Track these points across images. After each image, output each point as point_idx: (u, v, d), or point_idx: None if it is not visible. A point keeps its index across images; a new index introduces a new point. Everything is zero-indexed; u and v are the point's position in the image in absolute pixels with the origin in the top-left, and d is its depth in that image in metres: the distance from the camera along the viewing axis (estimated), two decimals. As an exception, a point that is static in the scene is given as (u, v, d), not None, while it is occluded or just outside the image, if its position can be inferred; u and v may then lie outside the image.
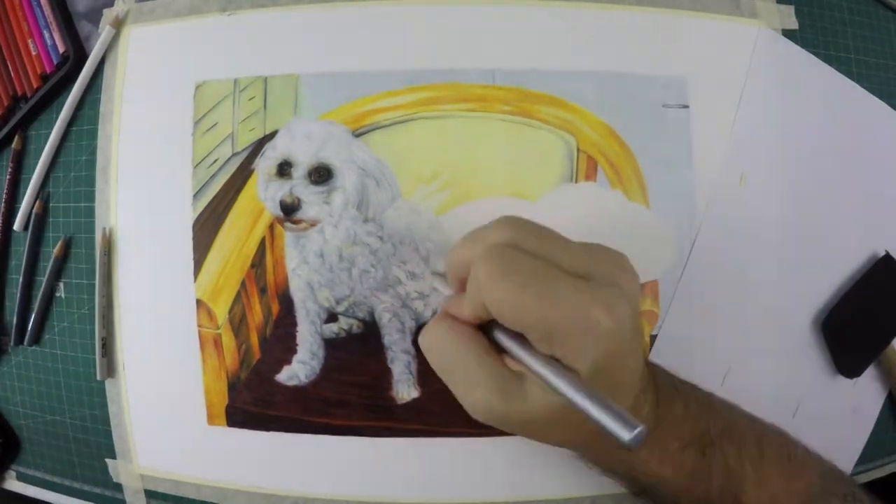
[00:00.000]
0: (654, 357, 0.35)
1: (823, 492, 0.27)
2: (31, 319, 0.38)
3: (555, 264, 0.23)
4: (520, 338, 0.24)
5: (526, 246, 0.23)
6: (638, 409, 0.25)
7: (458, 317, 0.25)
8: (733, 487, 0.27)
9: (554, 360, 0.22)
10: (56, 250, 0.37)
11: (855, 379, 0.37)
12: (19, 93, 0.38)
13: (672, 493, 0.27)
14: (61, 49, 0.37)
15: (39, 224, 0.38)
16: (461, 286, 0.25)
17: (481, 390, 0.23)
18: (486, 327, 0.25)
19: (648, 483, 0.27)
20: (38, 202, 0.38)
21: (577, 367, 0.22)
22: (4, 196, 0.38)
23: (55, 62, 0.37)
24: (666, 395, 0.27)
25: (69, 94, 0.37)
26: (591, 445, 0.27)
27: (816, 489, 0.27)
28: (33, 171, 0.38)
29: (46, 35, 0.38)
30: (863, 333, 0.37)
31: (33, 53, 0.38)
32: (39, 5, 0.38)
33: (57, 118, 0.37)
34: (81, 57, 0.37)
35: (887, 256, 0.37)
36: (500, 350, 0.25)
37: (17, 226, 0.38)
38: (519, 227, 0.24)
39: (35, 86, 0.38)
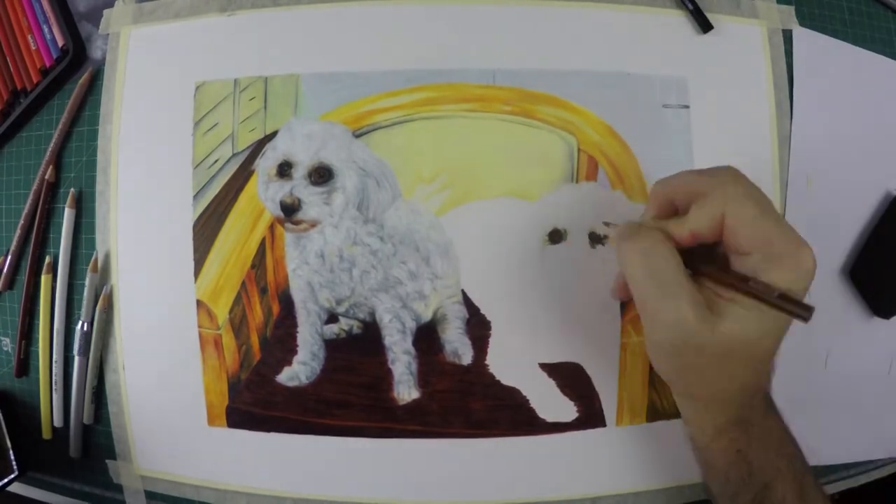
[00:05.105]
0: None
1: None
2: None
3: None
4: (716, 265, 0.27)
5: None
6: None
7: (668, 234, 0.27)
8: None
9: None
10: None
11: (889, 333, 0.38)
12: (19, 87, 0.38)
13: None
14: (60, 43, 0.37)
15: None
16: (663, 211, 0.28)
17: (681, 303, 0.25)
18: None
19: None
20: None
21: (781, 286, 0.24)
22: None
23: (55, 56, 0.37)
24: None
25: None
26: (740, 401, 0.28)
27: None
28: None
29: (45, 29, 0.37)
30: (891, 274, 0.38)
31: (32, 48, 0.38)
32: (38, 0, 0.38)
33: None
34: (81, 51, 0.37)
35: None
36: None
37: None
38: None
39: (35, 80, 0.38)
